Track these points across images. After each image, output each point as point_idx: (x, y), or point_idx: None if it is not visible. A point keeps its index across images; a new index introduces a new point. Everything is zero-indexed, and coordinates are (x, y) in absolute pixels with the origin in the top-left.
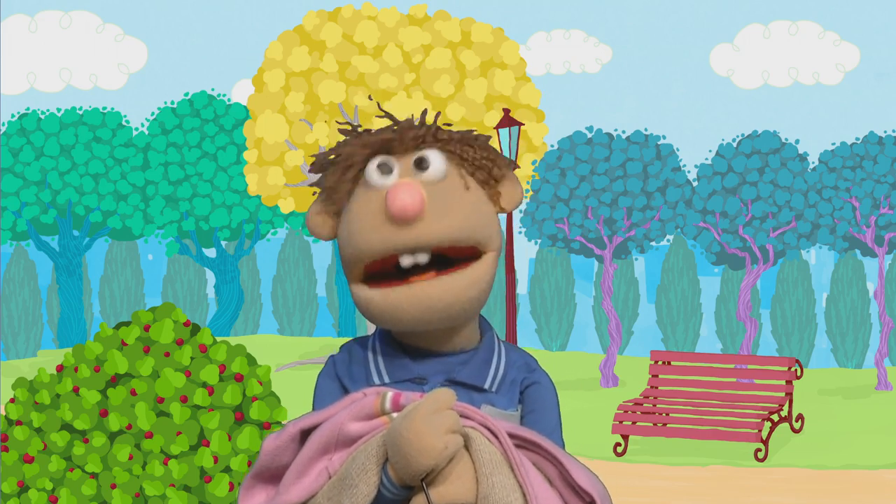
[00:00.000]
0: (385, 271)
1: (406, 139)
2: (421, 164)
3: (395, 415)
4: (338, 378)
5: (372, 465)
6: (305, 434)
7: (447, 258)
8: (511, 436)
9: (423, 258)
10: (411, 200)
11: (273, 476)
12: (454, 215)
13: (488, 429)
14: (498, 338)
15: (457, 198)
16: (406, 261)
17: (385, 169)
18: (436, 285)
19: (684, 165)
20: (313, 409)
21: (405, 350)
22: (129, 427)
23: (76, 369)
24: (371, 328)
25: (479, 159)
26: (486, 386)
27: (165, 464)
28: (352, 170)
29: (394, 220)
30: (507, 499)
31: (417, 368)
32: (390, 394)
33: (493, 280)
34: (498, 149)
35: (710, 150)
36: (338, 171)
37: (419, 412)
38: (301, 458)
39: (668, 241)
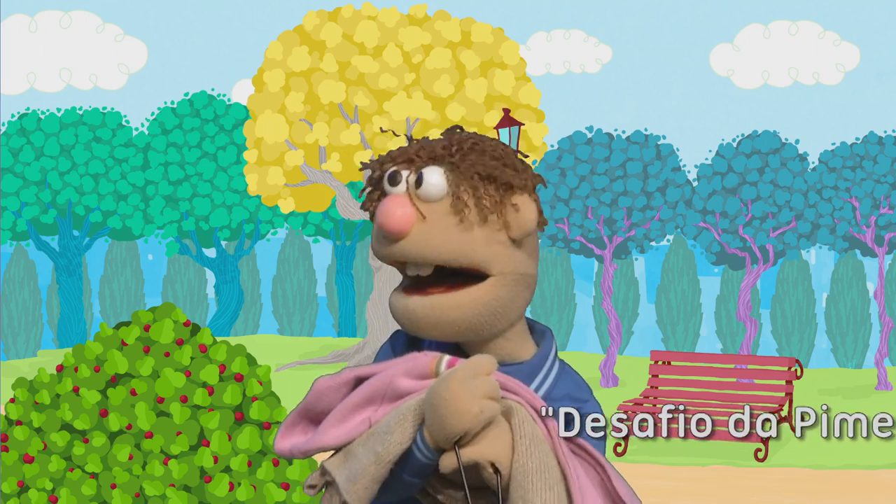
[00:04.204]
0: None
1: (424, 153)
2: (418, 182)
3: None
4: None
5: (411, 416)
6: (360, 382)
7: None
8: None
9: (424, 271)
10: (392, 217)
11: (315, 418)
12: (436, 238)
13: (534, 409)
14: (557, 359)
15: (443, 221)
16: (410, 270)
17: (394, 180)
18: (447, 299)
19: (684, 165)
20: None
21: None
22: (129, 427)
23: (76, 369)
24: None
25: (487, 189)
26: None
27: (165, 464)
28: (378, 178)
29: (381, 232)
30: (546, 474)
31: None
32: (447, 357)
33: (508, 302)
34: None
35: (710, 150)
36: (370, 177)
37: (457, 375)
38: (346, 403)
39: (668, 241)
